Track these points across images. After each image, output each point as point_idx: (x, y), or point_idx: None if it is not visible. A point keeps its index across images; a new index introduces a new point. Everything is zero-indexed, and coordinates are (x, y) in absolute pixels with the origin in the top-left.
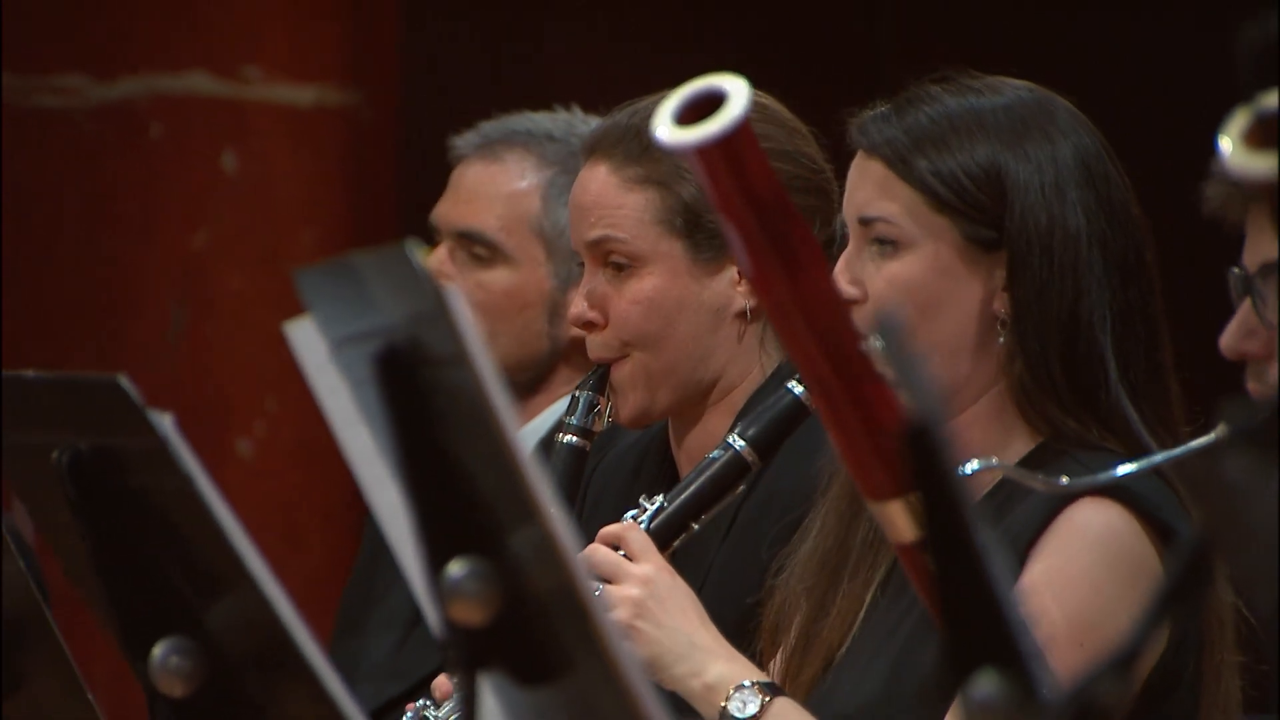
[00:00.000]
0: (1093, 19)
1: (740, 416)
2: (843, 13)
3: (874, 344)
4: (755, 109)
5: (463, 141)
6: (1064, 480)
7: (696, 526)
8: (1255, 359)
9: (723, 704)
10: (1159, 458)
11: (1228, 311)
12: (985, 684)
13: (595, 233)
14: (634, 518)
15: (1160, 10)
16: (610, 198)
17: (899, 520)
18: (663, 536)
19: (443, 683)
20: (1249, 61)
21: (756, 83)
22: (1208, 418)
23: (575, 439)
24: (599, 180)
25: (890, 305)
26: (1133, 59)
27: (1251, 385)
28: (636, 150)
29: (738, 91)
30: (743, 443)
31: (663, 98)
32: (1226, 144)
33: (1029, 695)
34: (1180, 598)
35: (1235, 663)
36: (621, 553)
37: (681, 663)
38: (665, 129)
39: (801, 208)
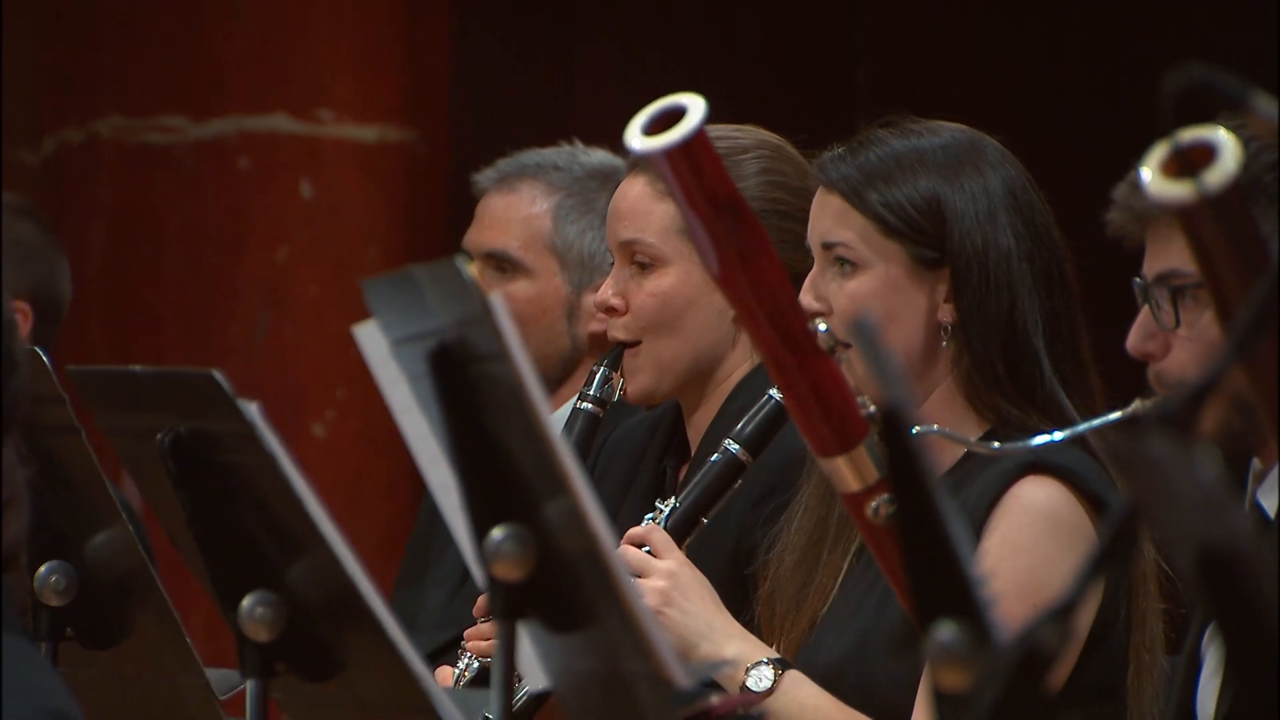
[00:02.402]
0: (1034, 73)
1: (729, 402)
2: (827, 62)
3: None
4: (771, 149)
5: (483, 177)
6: (995, 445)
7: (706, 520)
8: (1155, 359)
9: (743, 678)
10: (1071, 431)
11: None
12: (945, 631)
13: (626, 234)
14: (652, 519)
15: (1089, 63)
16: (642, 206)
17: (844, 473)
18: (679, 532)
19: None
20: (1170, 104)
21: (754, 118)
22: (1123, 403)
23: (591, 406)
24: (635, 191)
25: (851, 316)
26: (1068, 102)
27: (1153, 381)
28: None
29: (695, 106)
30: (737, 446)
31: None
32: (1147, 173)
33: (983, 641)
34: (1111, 558)
35: (1159, 609)
36: (646, 549)
37: (705, 643)
38: (636, 139)
39: (801, 235)
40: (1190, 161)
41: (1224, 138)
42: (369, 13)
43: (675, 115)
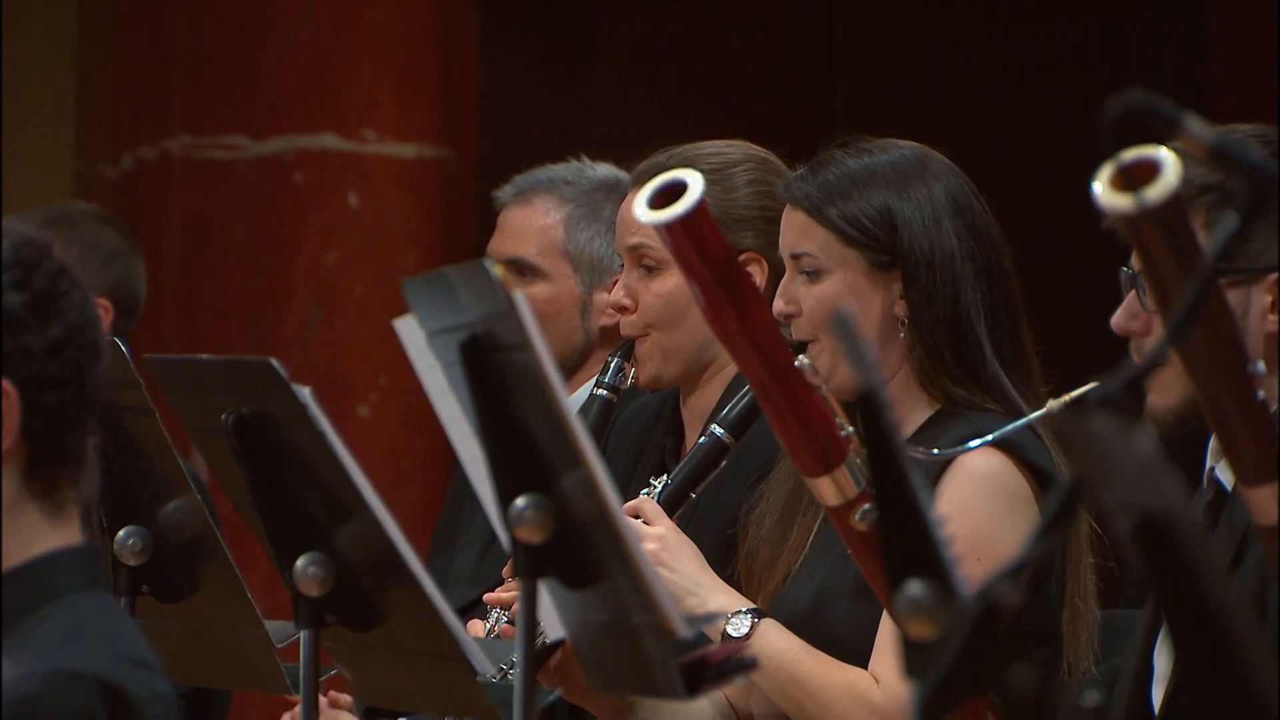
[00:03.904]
0: (995, 95)
1: (729, 390)
2: (810, 86)
3: (802, 361)
4: (759, 161)
5: (502, 193)
6: (935, 451)
7: (694, 495)
8: (1137, 335)
9: (724, 626)
10: (993, 435)
11: (1080, 305)
12: (915, 587)
13: (634, 240)
14: (647, 493)
15: (1045, 85)
16: None
17: (825, 490)
18: (671, 505)
19: (493, 597)
20: (1111, 127)
21: (747, 134)
22: (1059, 381)
23: (605, 393)
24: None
25: (819, 316)
26: (1025, 121)
27: (1134, 355)
28: None
29: (694, 182)
30: (721, 430)
31: (687, 145)
32: (1098, 187)
33: (948, 596)
34: (1058, 523)
35: (1090, 563)
36: (640, 519)
37: (690, 596)
38: (642, 211)
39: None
40: (1136, 177)
41: (1167, 155)
42: (408, 45)
43: (677, 189)
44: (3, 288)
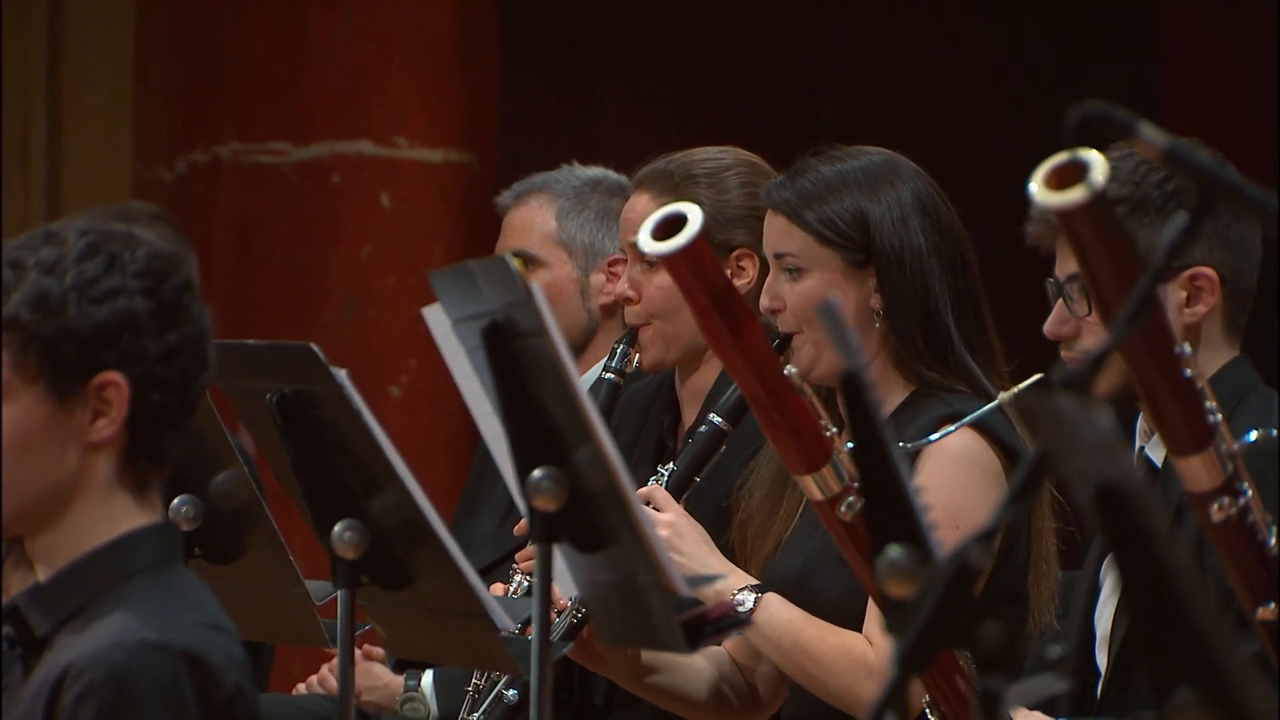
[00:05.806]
0: (969, 111)
1: (721, 375)
2: (800, 101)
3: (790, 370)
4: (749, 165)
5: (502, 199)
6: (930, 436)
7: (699, 480)
8: (1068, 339)
9: (731, 601)
10: (963, 421)
11: (1024, 292)
12: (894, 551)
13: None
14: (656, 480)
15: (1013, 104)
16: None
17: (812, 487)
18: (677, 490)
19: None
20: (1070, 131)
21: (741, 142)
22: (1020, 361)
23: (612, 376)
24: (642, 203)
25: (801, 311)
26: (994, 134)
27: (1065, 354)
28: (668, 186)
29: (694, 215)
30: (719, 418)
31: (684, 150)
32: (1034, 185)
33: (925, 558)
34: (1025, 493)
35: (1052, 527)
36: (651, 505)
37: None
38: (646, 242)
39: None
40: (1068, 176)
41: (1095, 156)
42: (435, 61)
43: (678, 220)
44: (133, 292)
